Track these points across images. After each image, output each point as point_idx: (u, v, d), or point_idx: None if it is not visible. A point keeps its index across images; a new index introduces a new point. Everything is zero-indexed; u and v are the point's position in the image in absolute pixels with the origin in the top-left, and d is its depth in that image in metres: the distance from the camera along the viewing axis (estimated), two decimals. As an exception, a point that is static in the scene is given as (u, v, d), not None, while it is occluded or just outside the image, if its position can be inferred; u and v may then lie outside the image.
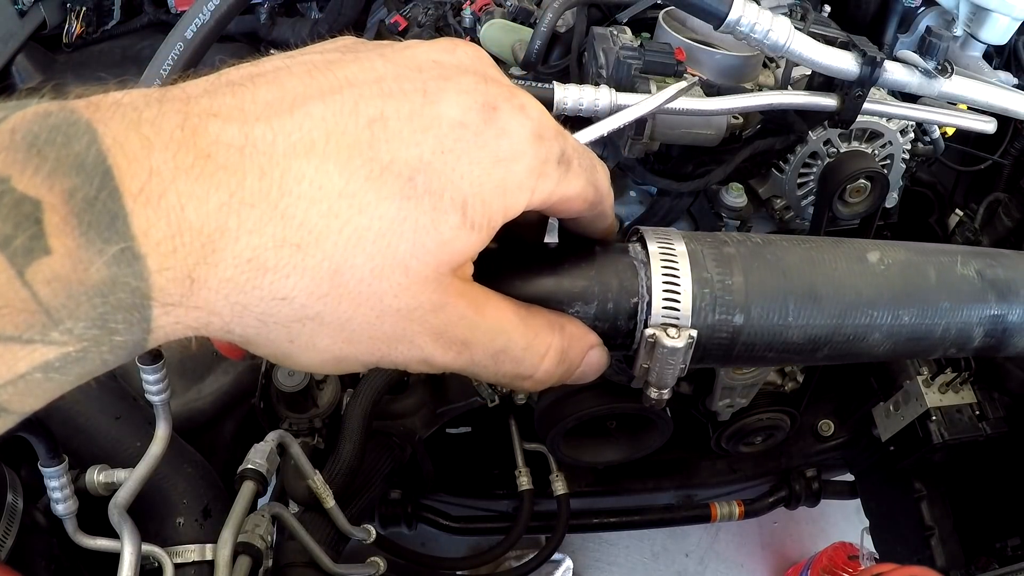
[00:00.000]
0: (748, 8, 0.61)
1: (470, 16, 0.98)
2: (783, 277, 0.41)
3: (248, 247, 0.27)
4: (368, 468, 1.04)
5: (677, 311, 0.39)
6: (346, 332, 0.30)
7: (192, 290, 0.26)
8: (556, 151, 0.33)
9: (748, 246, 0.42)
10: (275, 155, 0.27)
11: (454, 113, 0.30)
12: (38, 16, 1.22)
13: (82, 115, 0.25)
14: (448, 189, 0.29)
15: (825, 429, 1.41)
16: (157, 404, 0.63)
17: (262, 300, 0.28)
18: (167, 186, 0.25)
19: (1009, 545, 1.13)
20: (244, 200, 0.27)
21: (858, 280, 0.42)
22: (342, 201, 0.28)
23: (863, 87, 0.69)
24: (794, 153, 0.85)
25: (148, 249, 0.25)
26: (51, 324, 0.24)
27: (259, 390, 1.00)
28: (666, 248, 0.41)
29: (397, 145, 0.29)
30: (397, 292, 0.29)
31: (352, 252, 0.28)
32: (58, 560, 0.69)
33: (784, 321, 0.41)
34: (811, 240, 0.44)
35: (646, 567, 1.91)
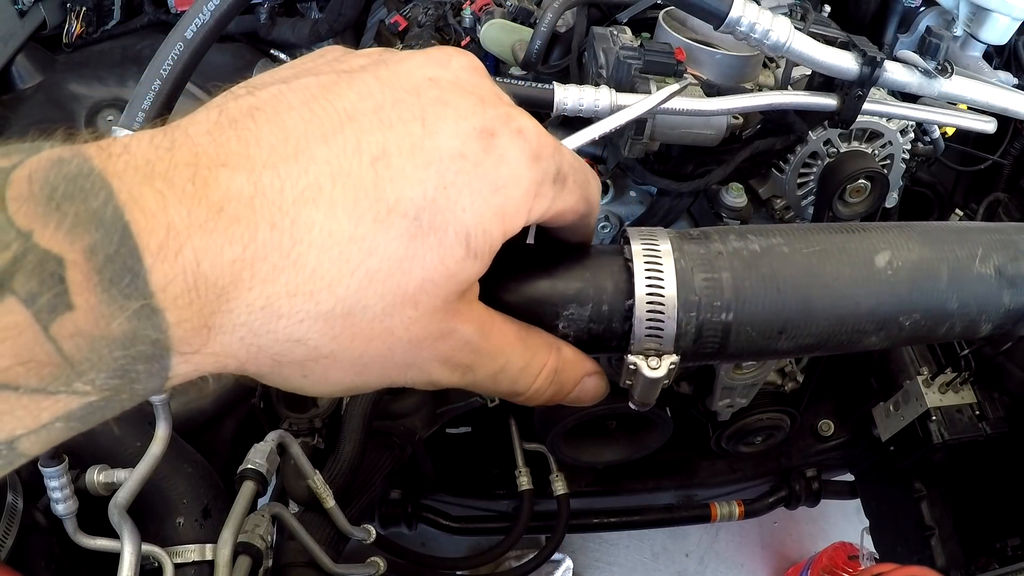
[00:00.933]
0: (748, 8, 0.61)
1: (470, 16, 0.98)
2: (777, 293, 0.39)
3: (262, 296, 0.28)
4: (368, 468, 1.04)
5: (660, 336, 0.39)
6: (358, 366, 0.31)
7: (209, 338, 0.28)
8: (552, 170, 0.34)
9: (743, 258, 0.40)
10: (284, 204, 0.28)
11: (454, 144, 0.31)
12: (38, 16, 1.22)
13: (95, 165, 0.26)
14: (452, 224, 0.30)
15: (825, 429, 1.41)
16: (157, 404, 0.63)
17: (276, 342, 0.29)
18: (183, 242, 0.26)
19: (1009, 545, 1.13)
20: (257, 253, 0.28)
21: (860, 290, 0.40)
22: (352, 246, 0.29)
23: (863, 87, 0.69)
24: (794, 153, 0.85)
25: (167, 304, 0.26)
26: (75, 376, 0.25)
27: (259, 390, 1.00)
28: (653, 259, 0.39)
29: (401, 184, 0.29)
30: (408, 325, 0.31)
31: (364, 294, 0.29)
32: (58, 560, 0.69)
33: (774, 343, 0.40)
34: (818, 241, 0.42)
35: (646, 567, 1.91)
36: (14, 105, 1.16)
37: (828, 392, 1.40)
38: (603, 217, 0.94)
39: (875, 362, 1.29)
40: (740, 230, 0.42)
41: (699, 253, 0.40)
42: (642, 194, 0.94)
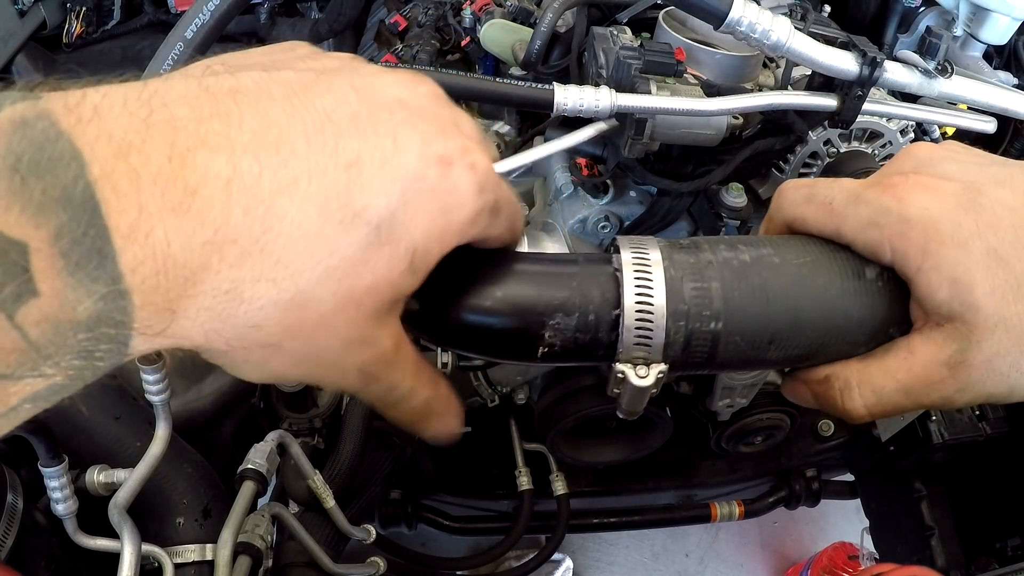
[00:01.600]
0: (748, 8, 0.61)
1: (470, 16, 0.98)
2: (767, 303, 0.40)
3: (228, 279, 0.29)
4: (368, 468, 1.04)
5: (649, 344, 0.39)
6: (296, 357, 0.33)
7: (172, 321, 0.29)
8: (491, 202, 0.37)
9: (733, 268, 0.40)
10: (260, 192, 0.29)
11: (418, 166, 0.33)
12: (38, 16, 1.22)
13: (63, 130, 0.26)
14: (404, 239, 0.33)
15: (825, 429, 1.41)
16: (157, 404, 0.63)
17: (234, 327, 0.30)
18: (155, 224, 0.27)
19: (1009, 545, 1.13)
20: (228, 236, 0.28)
21: (850, 301, 0.41)
22: (317, 242, 0.30)
23: (863, 87, 0.69)
24: (794, 153, 0.85)
25: (134, 286, 0.27)
26: (40, 360, 0.26)
27: (259, 390, 1.00)
28: (642, 268, 0.40)
29: (369, 193, 0.32)
30: (348, 324, 0.33)
31: (320, 288, 0.31)
32: (58, 560, 0.69)
33: (763, 353, 0.41)
34: (809, 251, 0.42)
35: (646, 567, 1.91)
36: None
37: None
38: (603, 217, 0.94)
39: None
40: (730, 240, 0.42)
41: (689, 262, 0.40)
42: (642, 194, 0.94)
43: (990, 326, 0.38)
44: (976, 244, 0.38)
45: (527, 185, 1.06)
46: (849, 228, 0.42)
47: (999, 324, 0.38)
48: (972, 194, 0.40)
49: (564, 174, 0.96)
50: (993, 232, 0.38)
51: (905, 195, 0.40)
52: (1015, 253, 0.38)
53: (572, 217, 0.94)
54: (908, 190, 0.40)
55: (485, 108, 1.04)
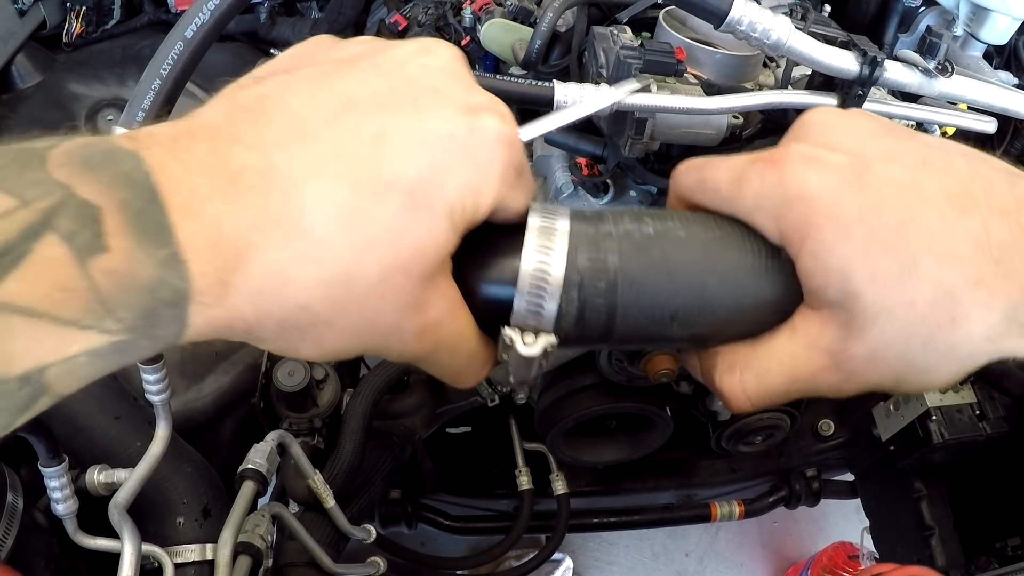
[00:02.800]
0: (749, 7, 0.61)
1: (470, 15, 0.98)
2: (667, 277, 0.38)
3: (275, 260, 0.30)
4: (368, 468, 1.04)
5: (540, 313, 0.38)
6: (351, 331, 0.33)
7: (226, 294, 0.30)
8: (519, 159, 0.37)
9: (634, 240, 0.38)
10: (294, 178, 0.31)
11: (444, 126, 0.34)
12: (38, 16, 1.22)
13: (124, 144, 0.29)
14: (440, 201, 0.33)
15: (825, 429, 1.41)
16: (157, 404, 0.63)
17: (284, 308, 0.31)
18: (205, 204, 0.29)
19: (1009, 545, 1.13)
20: (270, 219, 0.30)
21: (761, 279, 0.39)
22: (355, 217, 0.31)
23: (863, 87, 0.69)
24: (794, 153, 0.85)
25: (191, 256, 0.29)
26: (105, 312, 0.27)
27: (259, 390, 1.00)
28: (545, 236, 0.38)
29: (398, 162, 0.32)
30: (398, 291, 0.33)
31: (364, 261, 0.32)
32: (58, 560, 0.69)
33: (666, 329, 0.39)
34: (722, 227, 0.40)
35: (646, 567, 1.91)
36: (14, 105, 1.16)
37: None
38: (603, 217, 0.94)
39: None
40: (638, 212, 0.40)
41: (587, 233, 0.39)
42: (642, 194, 0.94)
43: (871, 315, 0.36)
44: (857, 228, 0.35)
45: (527, 185, 1.06)
46: (741, 210, 0.39)
47: (881, 314, 0.35)
48: (859, 170, 0.36)
49: (564, 174, 0.96)
50: (877, 215, 0.35)
51: (786, 171, 0.37)
52: (899, 239, 0.35)
53: (572, 217, 0.94)
54: (790, 165, 0.38)
55: (485, 108, 1.04)
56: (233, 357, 1.02)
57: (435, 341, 0.37)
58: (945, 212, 0.35)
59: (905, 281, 0.35)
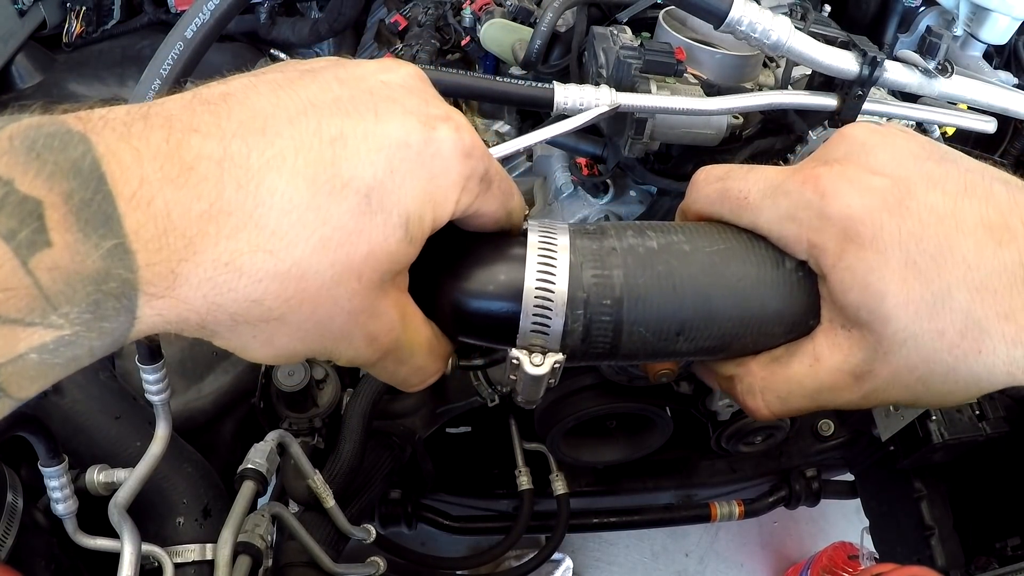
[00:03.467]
0: (748, 8, 0.61)
1: (470, 16, 0.98)
2: (673, 292, 0.37)
3: (226, 251, 0.30)
4: (368, 468, 1.04)
5: (546, 332, 0.37)
6: (302, 332, 0.33)
7: (175, 285, 0.29)
8: (481, 170, 0.37)
9: (638, 255, 0.38)
10: (250, 169, 0.31)
11: (401, 134, 0.34)
12: (38, 16, 1.22)
13: (74, 126, 0.29)
14: (396, 207, 0.33)
15: (825, 429, 1.41)
16: (157, 404, 0.63)
17: (236, 301, 0.31)
18: (155, 193, 0.29)
19: (1009, 545, 1.13)
20: (223, 209, 0.30)
21: (767, 291, 0.38)
22: (309, 213, 0.31)
23: (863, 87, 0.69)
24: (794, 153, 0.85)
25: (138, 246, 0.28)
26: (50, 309, 0.27)
27: (259, 390, 1.00)
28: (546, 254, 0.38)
29: (355, 163, 0.32)
30: (351, 296, 0.33)
31: (318, 258, 0.32)
32: (58, 560, 0.69)
33: (671, 344, 0.39)
34: (724, 239, 0.39)
35: (646, 567, 1.91)
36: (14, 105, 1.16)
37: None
38: (603, 217, 0.94)
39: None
40: (640, 226, 0.40)
41: (591, 249, 0.38)
42: (642, 194, 0.94)
43: (899, 340, 0.36)
44: (895, 253, 0.36)
45: (527, 185, 1.06)
46: (765, 221, 0.39)
47: (909, 339, 0.36)
48: (900, 194, 0.36)
49: (564, 174, 0.96)
50: (916, 242, 0.36)
51: (828, 189, 0.37)
52: (935, 267, 0.35)
53: (572, 217, 0.94)
54: (831, 183, 0.37)
55: (485, 108, 1.04)
56: (233, 357, 1.02)
57: (384, 350, 0.37)
58: (983, 243, 0.36)
59: (936, 310, 0.36)
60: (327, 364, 1.04)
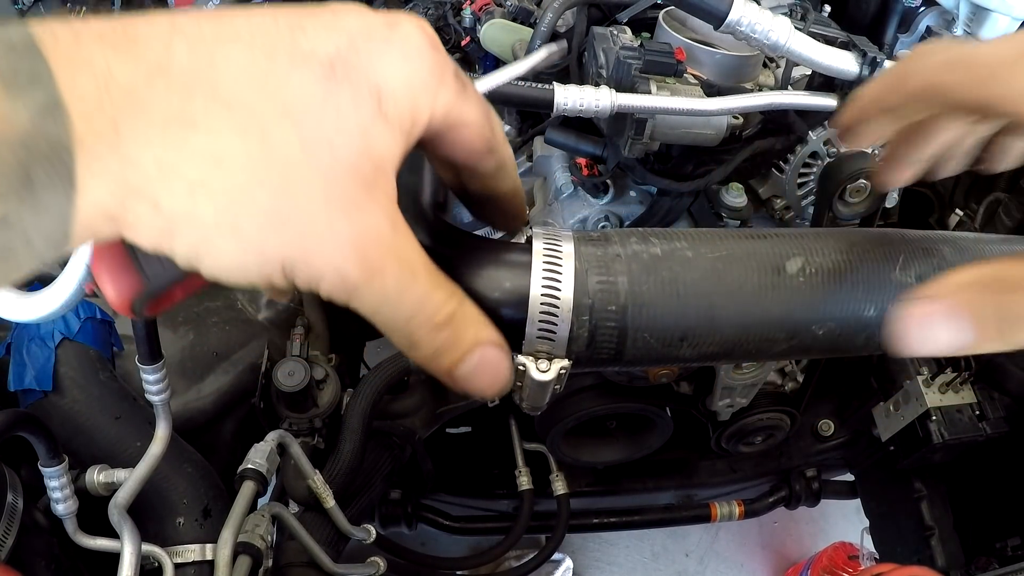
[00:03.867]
0: (748, 8, 0.61)
1: (470, 16, 0.98)
2: (677, 299, 0.38)
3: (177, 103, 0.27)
4: (368, 468, 1.04)
5: (552, 339, 0.38)
6: (272, 215, 0.28)
7: (118, 142, 0.26)
8: (452, 65, 0.34)
9: (642, 261, 0.38)
10: (203, 38, 0.28)
11: (360, 23, 0.31)
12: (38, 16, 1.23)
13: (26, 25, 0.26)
14: (364, 80, 0.30)
15: (825, 429, 1.41)
16: (157, 404, 0.63)
17: (193, 160, 0.27)
18: (94, 53, 0.26)
19: (1009, 545, 1.13)
20: (173, 68, 0.27)
21: (768, 297, 0.38)
22: (269, 78, 0.28)
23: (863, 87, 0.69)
24: (794, 153, 0.85)
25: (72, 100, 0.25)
26: None
27: (259, 390, 1.00)
28: (552, 260, 0.38)
29: (315, 40, 0.30)
30: (325, 173, 0.29)
31: (280, 120, 0.28)
32: (58, 560, 0.69)
33: (675, 350, 0.39)
34: (726, 245, 0.39)
35: (646, 567, 1.91)
36: None
37: (828, 392, 1.40)
38: (603, 217, 0.94)
39: (875, 362, 1.29)
40: (643, 232, 0.40)
41: (596, 255, 0.38)
42: (642, 194, 0.94)
43: None
44: None
45: (527, 185, 1.06)
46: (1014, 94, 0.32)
47: None
48: None
49: (564, 174, 0.96)
50: None
51: None
52: None
53: (572, 217, 0.94)
54: None
55: (485, 108, 1.04)
56: (233, 357, 1.02)
57: (374, 260, 0.30)
58: None
59: None
60: (327, 364, 1.04)
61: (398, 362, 1.06)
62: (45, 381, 0.75)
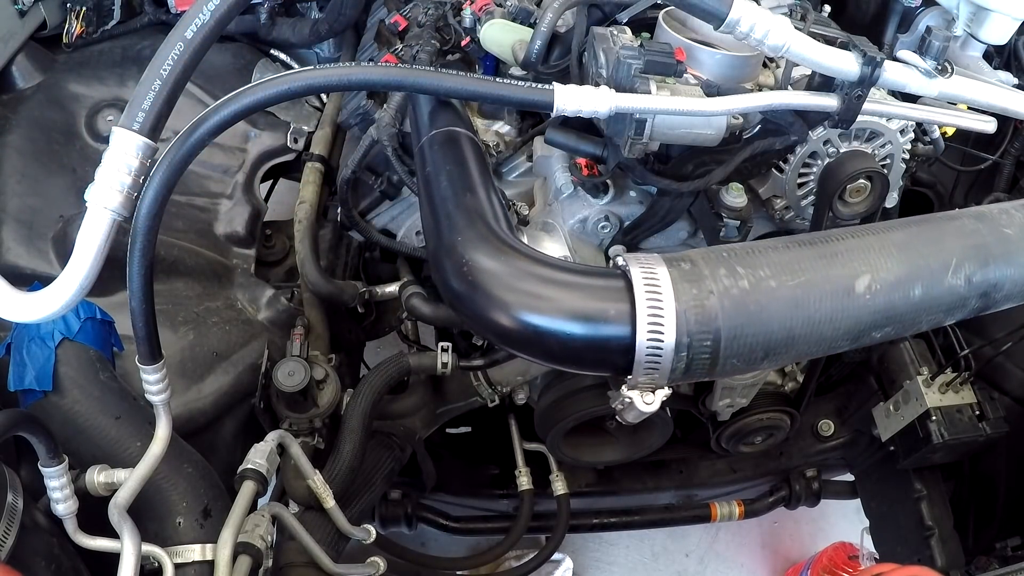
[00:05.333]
0: (748, 8, 0.61)
1: (470, 16, 0.98)
2: (763, 327, 0.43)
3: None
4: (368, 468, 1.04)
5: (655, 374, 0.42)
6: None
7: None
8: None
9: (733, 297, 0.43)
10: None
11: None
12: (38, 16, 1.22)
13: None
14: None
15: (825, 429, 1.41)
16: (157, 404, 0.63)
17: None
18: None
19: (1009, 545, 1.13)
20: None
21: (840, 314, 0.44)
22: None
23: (863, 87, 0.69)
24: (794, 153, 0.85)
25: None
26: None
27: (259, 390, 1.00)
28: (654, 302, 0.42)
29: None
30: None
31: None
32: (58, 560, 0.69)
33: (756, 366, 0.44)
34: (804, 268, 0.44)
35: (646, 567, 1.91)
36: (14, 105, 1.16)
37: (828, 392, 1.40)
38: (603, 217, 0.94)
39: (875, 362, 1.29)
40: (730, 260, 0.44)
41: (692, 294, 0.43)
42: (642, 194, 0.94)
43: None
44: None
45: (527, 185, 1.06)
46: None
47: None
48: None
49: (564, 174, 0.96)
50: None
51: None
52: None
53: (572, 217, 0.94)
54: None
55: (485, 108, 1.04)
56: (233, 357, 1.02)
57: None
58: None
59: None
60: (327, 364, 1.04)
61: (398, 362, 1.06)
62: (45, 381, 0.75)
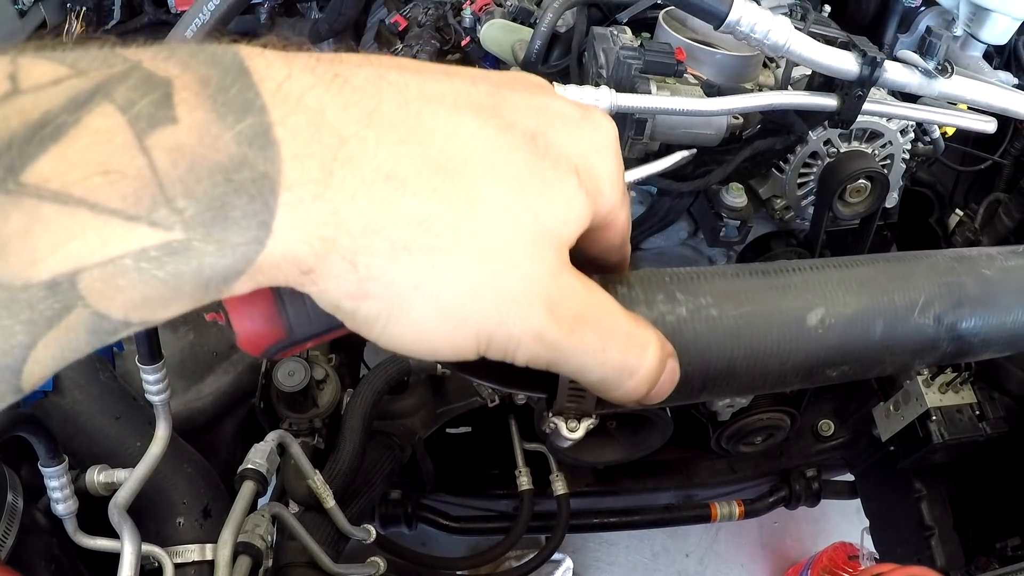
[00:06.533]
0: (748, 8, 0.61)
1: (470, 16, 0.98)
2: (700, 357, 0.39)
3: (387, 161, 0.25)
4: (368, 468, 1.04)
5: (582, 402, 0.39)
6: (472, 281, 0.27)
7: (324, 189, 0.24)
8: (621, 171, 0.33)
9: (667, 324, 0.38)
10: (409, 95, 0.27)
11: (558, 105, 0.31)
12: (38, 16, 1.22)
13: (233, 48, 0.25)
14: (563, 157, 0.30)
15: (825, 429, 1.41)
16: (157, 404, 0.63)
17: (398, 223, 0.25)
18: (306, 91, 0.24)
19: (1009, 545, 1.13)
20: (383, 121, 0.26)
21: (787, 348, 0.40)
22: (476, 139, 0.28)
23: (863, 87, 0.69)
24: (794, 153, 0.85)
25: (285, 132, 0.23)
26: (162, 201, 0.22)
27: (259, 390, 1.00)
28: None
29: (516, 113, 0.30)
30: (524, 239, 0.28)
31: (489, 185, 0.27)
32: (58, 560, 0.69)
33: (693, 397, 0.41)
34: (751, 299, 0.40)
35: (646, 567, 1.91)
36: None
37: (828, 392, 1.40)
38: (603, 217, 0.94)
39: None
40: (669, 287, 0.40)
41: None
42: (642, 194, 0.94)
43: None
44: None
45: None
46: None
47: None
48: None
49: (564, 174, 0.96)
50: None
51: None
52: None
53: (572, 217, 0.94)
54: None
55: (485, 108, 1.04)
56: (233, 357, 1.02)
57: (572, 317, 0.29)
58: None
59: None
60: (327, 364, 1.04)
61: (398, 362, 1.06)
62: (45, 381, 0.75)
